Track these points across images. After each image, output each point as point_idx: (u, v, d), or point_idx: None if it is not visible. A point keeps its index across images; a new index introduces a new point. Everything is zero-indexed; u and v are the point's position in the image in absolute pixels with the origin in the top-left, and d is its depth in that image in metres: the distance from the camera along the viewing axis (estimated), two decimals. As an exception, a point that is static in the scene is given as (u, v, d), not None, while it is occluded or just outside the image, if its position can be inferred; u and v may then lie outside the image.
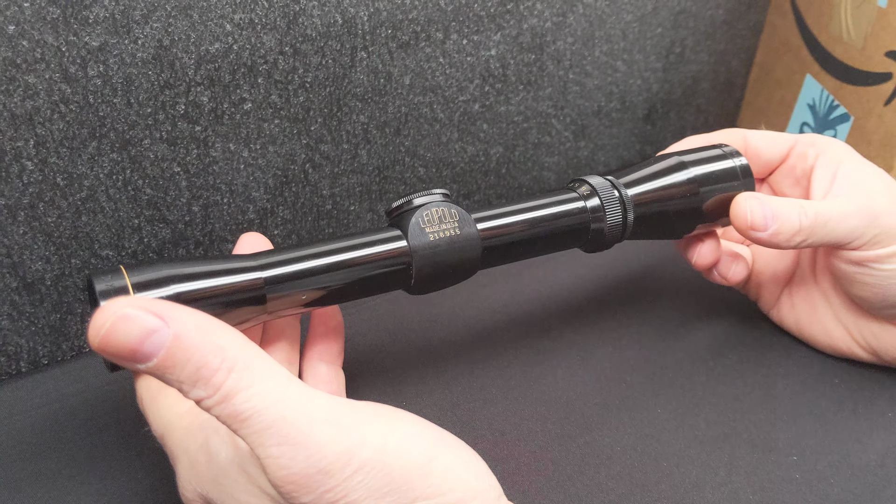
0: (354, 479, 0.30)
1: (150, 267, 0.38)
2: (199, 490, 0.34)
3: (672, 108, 0.78)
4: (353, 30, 0.54)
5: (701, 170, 0.50)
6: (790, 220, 0.47)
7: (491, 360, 0.54)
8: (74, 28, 0.44)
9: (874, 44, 0.64)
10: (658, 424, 0.50)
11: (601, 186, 0.49)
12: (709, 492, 0.45)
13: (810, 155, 0.52)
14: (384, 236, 0.43)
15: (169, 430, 0.36)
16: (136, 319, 0.30)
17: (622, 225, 0.49)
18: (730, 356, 0.55)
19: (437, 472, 0.32)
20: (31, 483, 0.45)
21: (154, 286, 0.37)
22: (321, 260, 0.42)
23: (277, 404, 0.30)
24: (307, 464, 0.29)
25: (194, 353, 0.30)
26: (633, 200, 0.49)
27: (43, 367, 0.53)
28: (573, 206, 0.48)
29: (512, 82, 0.64)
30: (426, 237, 0.43)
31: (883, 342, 0.52)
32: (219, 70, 0.50)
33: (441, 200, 0.44)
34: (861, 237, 0.47)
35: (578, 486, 0.46)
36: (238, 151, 0.53)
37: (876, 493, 0.46)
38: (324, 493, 0.30)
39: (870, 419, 0.51)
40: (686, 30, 0.73)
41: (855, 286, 0.50)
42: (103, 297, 0.36)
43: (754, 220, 0.48)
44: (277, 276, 0.40)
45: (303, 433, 0.30)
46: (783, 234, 0.48)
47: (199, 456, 0.34)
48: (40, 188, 0.47)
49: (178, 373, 0.30)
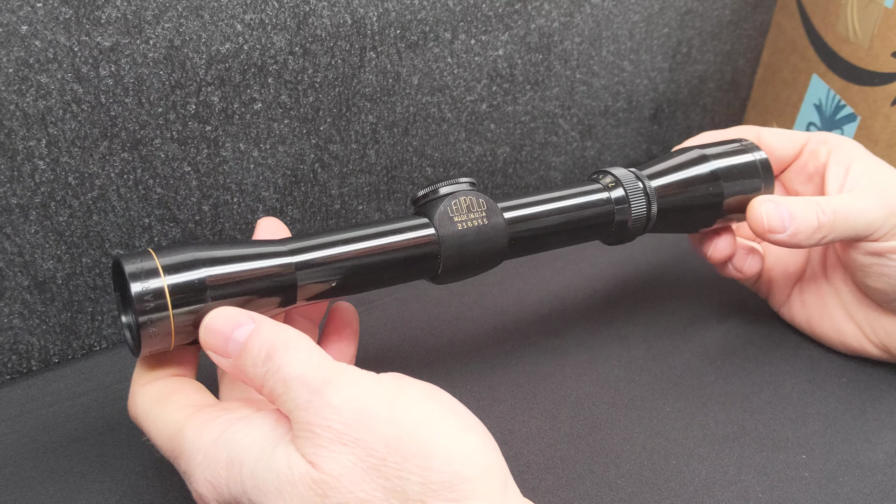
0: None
1: (179, 249, 0.37)
2: (213, 482, 0.34)
3: (678, 107, 0.78)
4: (362, 30, 0.54)
5: (722, 163, 0.51)
6: (808, 220, 0.48)
7: (499, 360, 0.55)
8: (87, 28, 0.44)
9: (881, 44, 0.64)
10: (667, 423, 0.50)
11: (625, 178, 0.49)
12: (718, 490, 0.46)
13: (822, 153, 0.52)
14: (412, 223, 0.43)
15: (181, 429, 0.36)
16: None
17: (646, 216, 0.49)
18: (738, 355, 0.55)
19: (445, 438, 0.33)
20: (42, 480, 0.45)
21: (184, 269, 0.37)
22: (350, 246, 0.41)
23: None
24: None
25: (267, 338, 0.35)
26: (657, 192, 0.49)
27: (54, 365, 0.53)
28: (598, 196, 0.48)
29: (519, 82, 0.64)
30: (454, 226, 0.43)
31: (894, 338, 0.52)
32: (229, 70, 0.50)
33: (469, 189, 0.44)
34: (881, 228, 0.48)
35: (588, 485, 0.46)
36: (248, 151, 0.53)
37: (885, 492, 0.46)
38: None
39: (878, 418, 0.51)
40: (692, 30, 0.73)
41: (871, 278, 0.50)
42: (133, 278, 0.36)
43: (771, 223, 0.48)
44: (307, 261, 0.40)
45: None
46: (802, 234, 0.48)
47: (219, 446, 0.34)
48: (52, 187, 0.47)
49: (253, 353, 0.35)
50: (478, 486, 0.32)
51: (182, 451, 0.36)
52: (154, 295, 0.36)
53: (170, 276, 0.36)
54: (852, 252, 0.50)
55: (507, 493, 0.33)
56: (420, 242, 0.43)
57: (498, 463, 0.34)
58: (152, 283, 0.36)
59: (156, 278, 0.36)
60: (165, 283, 0.36)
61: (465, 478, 0.32)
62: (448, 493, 0.31)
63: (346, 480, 0.32)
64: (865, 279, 0.50)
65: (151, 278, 0.36)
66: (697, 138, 0.55)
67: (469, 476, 0.32)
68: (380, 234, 0.42)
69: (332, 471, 0.32)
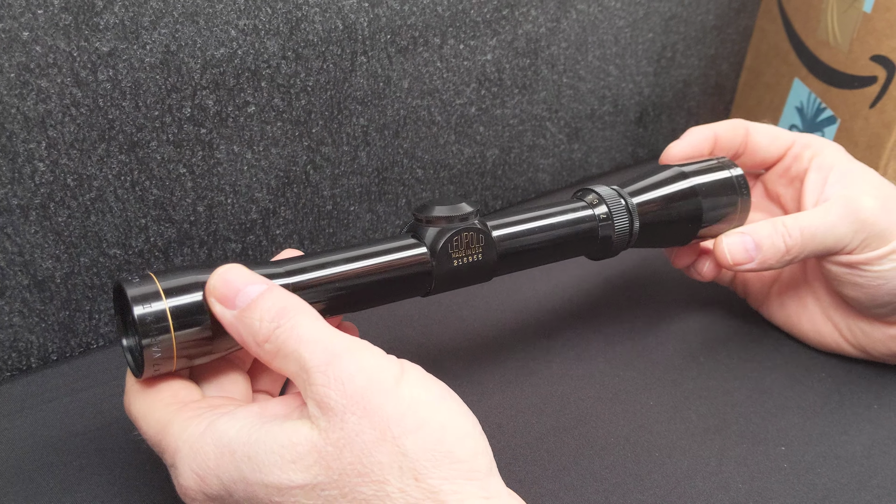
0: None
1: (179, 273, 0.38)
2: (200, 473, 0.35)
3: (663, 111, 0.79)
4: (354, 35, 0.55)
5: (700, 180, 0.52)
6: (775, 246, 0.49)
7: (488, 357, 0.56)
8: (86, 34, 0.45)
9: (860, 48, 0.66)
10: (650, 417, 0.51)
11: (609, 195, 0.50)
12: (700, 481, 0.47)
13: (805, 157, 0.53)
14: (408, 255, 0.44)
15: (167, 424, 0.37)
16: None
17: (629, 232, 0.51)
18: (720, 351, 0.57)
19: (440, 419, 0.34)
20: (42, 474, 0.46)
21: (184, 292, 0.37)
22: (345, 267, 0.42)
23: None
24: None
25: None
26: (638, 209, 0.51)
27: (52, 362, 0.54)
28: (583, 213, 0.49)
29: (507, 86, 0.66)
30: (451, 263, 0.44)
31: (872, 339, 0.53)
32: (224, 74, 0.51)
33: (470, 225, 0.45)
34: (850, 243, 0.49)
35: (573, 476, 0.47)
36: (242, 153, 0.54)
37: (862, 482, 0.47)
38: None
39: (856, 412, 0.52)
40: (677, 35, 0.75)
41: (846, 287, 0.51)
42: (135, 302, 0.36)
43: (735, 257, 0.50)
44: (301, 282, 0.41)
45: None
46: (771, 259, 0.49)
47: (205, 439, 0.35)
48: (51, 189, 0.48)
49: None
50: (467, 466, 0.34)
51: (168, 446, 0.36)
52: (156, 318, 0.37)
53: (171, 299, 0.37)
54: (826, 264, 0.51)
55: (490, 476, 0.34)
56: (415, 273, 0.44)
57: (485, 449, 0.35)
58: (154, 306, 0.37)
59: (157, 301, 0.37)
60: (167, 306, 0.37)
61: (457, 457, 0.33)
62: (439, 470, 0.33)
63: (348, 452, 0.33)
64: (840, 288, 0.51)
65: (153, 301, 0.37)
66: (686, 135, 0.56)
67: (460, 456, 0.33)
68: (374, 254, 0.43)
69: (338, 439, 0.33)
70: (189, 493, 0.36)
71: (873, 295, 0.50)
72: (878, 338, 0.53)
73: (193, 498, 0.36)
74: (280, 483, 0.34)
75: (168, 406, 0.38)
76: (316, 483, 0.33)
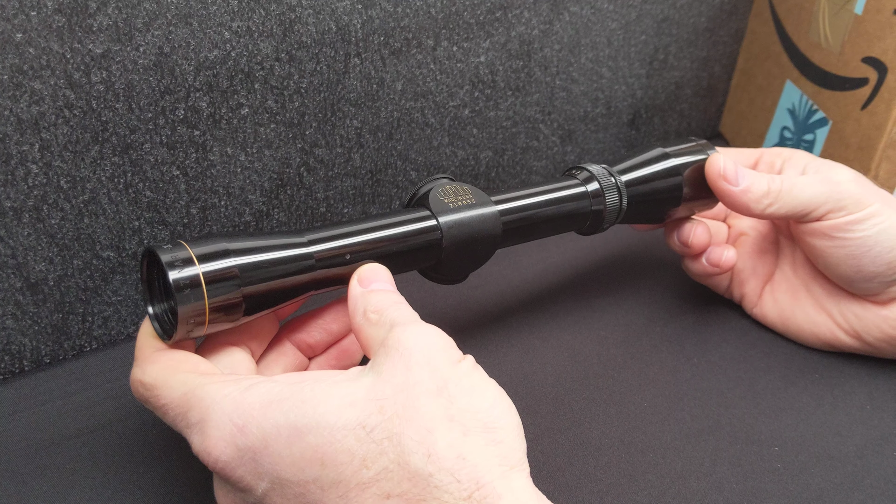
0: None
1: (209, 240, 0.40)
2: (240, 423, 0.35)
3: (656, 113, 0.79)
4: (347, 37, 0.55)
5: (681, 160, 0.56)
6: (759, 181, 0.52)
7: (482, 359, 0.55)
8: (79, 36, 0.45)
9: (851, 50, 0.66)
10: (644, 418, 0.51)
11: (599, 173, 0.54)
12: (693, 482, 0.47)
13: (777, 163, 0.56)
14: (414, 215, 0.47)
15: (198, 385, 0.37)
16: None
17: (618, 207, 0.54)
18: (713, 352, 0.57)
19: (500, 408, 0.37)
20: (35, 477, 0.46)
21: (216, 258, 0.39)
22: (366, 236, 0.44)
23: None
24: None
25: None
26: (626, 185, 0.54)
27: (45, 365, 0.54)
28: (576, 190, 0.53)
29: (501, 88, 0.66)
30: (447, 206, 0.47)
31: (865, 323, 0.53)
32: (217, 76, 0.51)
33: (448, 181, 0.49)
34: (825, 204, 0.51)
35: (568, 477, 0.47)
36: (235, 155, 0.54)
37: (855, 483, 0.47)
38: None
39: (849, 413, 0.52)
40: (669, 37, 0.75)
41: (831, 261, 0.52)
42: (170, 267, 0.38)
43: (727, 170, 0.53)
44: (326, 250, 0.43)
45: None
46: (753, 193, 0.52)
47: (251, 392, 0.36)
48: (44, 191, 0.48)
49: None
50: (505, 448, 0.35)
51: (199, 400, 0.36)
52: (191, 282, 0.38)
53: (204, 265, 0.38)
54: (808, 238, 0.53)
55: (520, 467, 0.36)
56: (423, 228, 0.46)
57: (522, 446, 0.37)
58: (188, 270, 0.38)
59: (191, 266, 0.38)
60: (201, 271, 0.38)
61: (499, 430, 0.36)
62: (485, 433, 0.35)
63: (404, 396, 0.35)
64: (827, 263, 0.53)
65: (187, 267, 0.38)
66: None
67: (503, 436, 0.36)
68: (388, 225, 0.46)
69: (397, 382, 0.35)
70: (220, 444, 0.35)
71: (858, 265, 0.51)
72: (871, 320, 0.53)
73: (222, 451, 0.35)
74: (335, 422, 0.34)
75: (193, 373, 0.38)
76: (367, 422, 0.34)
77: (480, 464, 0.34)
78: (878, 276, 0.51)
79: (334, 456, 0.34)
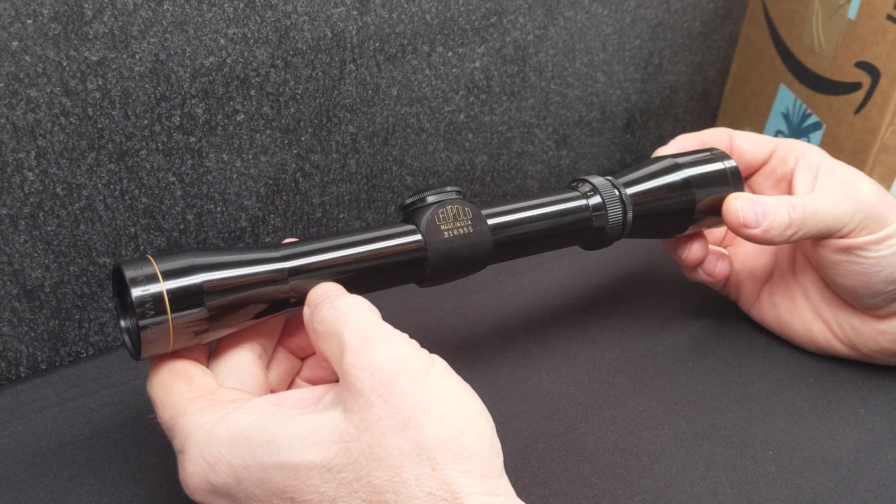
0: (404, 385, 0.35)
1: (176, 255, 0.39)
2: (211, 460, 0.35)
3: (651, 117, 0.80)
4: (342, 43, 0.55)
5: (694, 171, 0.53)
6: (780, 216, 0.49)
7: (478, 364, 0.56)
8: (75, 43, 0.45)
9: (844, 54, 0.66)
10: (639, 422, 0.51)
11: (602, 186, 0.51)
12: (688, 486, 0.47)
13: (790, 159, 0.54)
14: (401, 230, 0.45)
15: (182, 411, 0.37)
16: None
17: (622, 223, 0.51)
18: (708, 357, 0.57)
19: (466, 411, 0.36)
20: (32, 484, 0.46)
21: (182, 274, 0.38)
22: (341, 252, 0.43)
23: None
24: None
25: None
26: (632, 199, 0.51)
27: (42, 372, 0.54)
28: (577, 203, 0.50)
29: (496, 93, 0.66)
30: (441, 234, 0.45)
31: (862, 335, 0.53)
32: (213, 83, 0.51)
33: (455, 198, 0.46)
34: (849, 224, 0.49)
35: (563, 482, 0.47)
36: (231, 161, 0.54)
37: (849, 486, 0.47)
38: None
39: (843, 416, 0.52)
40: (663, 41, 0.75)
41: (840, 275, 0.51)
42: (133, 284, 0.37)
43: (746, 217, 0.50)
44: (300, 266, 0.41)
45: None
46: (775, 230, 0.50)
47: (220, 426, 0.36)
48: (41, 198, 0.48)
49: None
50: (481, 464, 0.34)
51: (180, 431, 0.37)
52: (154, 300, 0.37)
53: (168, 282, 0.38)
54: (822, 250, 0.51)
55: (501, 477, 0.35)
56: (408, 249, 0.44)
57: (499, 451, 0.36)
58: (152, 288, 0.37)
59: (155, 283, 0.37)
60: (164, 288, 0.37)
61: (475, 453, 0.34)
62: (457, 463, 0.34)
63: (368, 435, 0.34)
64: (835, 277, 0.52)
65: (151, 283, 0.37)
66: (673, 142, 0.57)
67: (477, 453, 0.34)
68: (369, 240, 0.44)
69: (361, 420, 0.34)
70: (194, 479, 0.36)
71: (868, 282, 0.50)
72: (867, 333, 0.53)
73: (197, 486, 0.36)
74: (298, 462, 0.34)
75: (184, 393, 0.38)
76: (333, 464, 0.34)
77: (459, 492, 0.33)
78: (884, 294, 0.50)
79: (303, 495, 0.34)
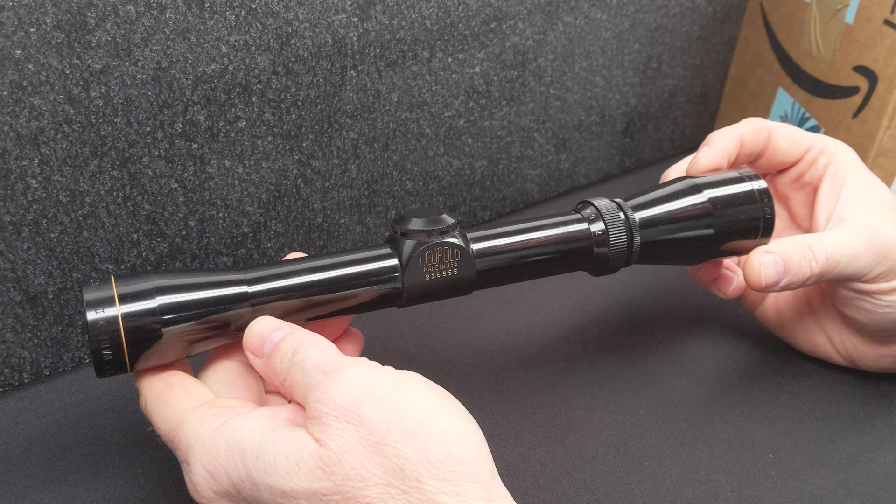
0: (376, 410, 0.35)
1: (138, 278, 0.39)
2: (211, 470, 0.36)
3: (650, 121, 0.80)
4: (343, 50, 0.56)
5: (715, 192, 0.48)
6: (801, 271, 0.48)
7: (479, 367, 0.56)
8: (78, 52, 0.46)
9: (842, 58, 0.67)
10: (640, 426, 0.52)
11: (606, 209, 0.47)
12: (689, 489, 0.47)
13: (821, 163, 0.52)
14: (378, 266, 0.43)
15: (181, 422, 0.38)
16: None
17: (627, 250, 0.47)
18: (708, 361, 0.57)
19: (440, 422, 0.35)
20: (36, 490, 0.46)
21: (138, 298, 0.38)
22: (308, 277, 0.42)
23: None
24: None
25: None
26: (641, 224, 0.47)
27: (45, 377, 0.54)
28: (576, 228, 0.47)
29: (495, 98, 0.66)
30: (422, 277, 0.43)
31: (863, 355, 0.53)
32: (215, 90, 0.51)
33: (445, 241, 0.43)
34: (870, 273, 0.48)
35: (565, 486, 0.47)
36: (233, 168, 0.55)
37: (849, 489, 0.48)
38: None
39: (842, 420, 0.53)
40: (662, 45, 0.75)
41: (851, 310, 0.51)
42: (89, 307, 0.37)
43: (768, 280, 0.48)
44: (262, 291, 0.41)
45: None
46: (795, 284, 0.48)
47: (217, 437, 0.36)
48: (44, 205, 0.49)
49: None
50: (469, 468, 0.34)
51: (181, 443, 0.38)
52: (107, 322, 0.38)
53: (124, 305, 0.38)
54: (838, 287, 0.51)
55: (493, 479, 0.35)
56: (384, 283, 0.43)
57: (486, 453, 0.36)
58: (107, 311, 0.38)
59: (110, 307, 0.38)
60: (119, 312, 0.38)
61: (459, 460, 0.34)
62: (441, 472, 0.34)
63: (349, 457, 0.34)
64: (845, 309, 0.51)
65: (106, 307, 0.38)
66: (713, 141, 0.52)
67: (462, 459, 0.34)
68: (342, 268, 0.43)
69: (337, 448, 0.34)
70: (199, 489, 0.37)
71: (877, 321, 0.50)
72: (869, 355, 0.53)
73: (202, 495, 0.37)
74: (284, 487, 0.34)
75: (181, 404, 0.39)
76: (318, 489, 0.34)
77: (444, 493, 0.34)
78: (891, 330, 0.50)
79: None
